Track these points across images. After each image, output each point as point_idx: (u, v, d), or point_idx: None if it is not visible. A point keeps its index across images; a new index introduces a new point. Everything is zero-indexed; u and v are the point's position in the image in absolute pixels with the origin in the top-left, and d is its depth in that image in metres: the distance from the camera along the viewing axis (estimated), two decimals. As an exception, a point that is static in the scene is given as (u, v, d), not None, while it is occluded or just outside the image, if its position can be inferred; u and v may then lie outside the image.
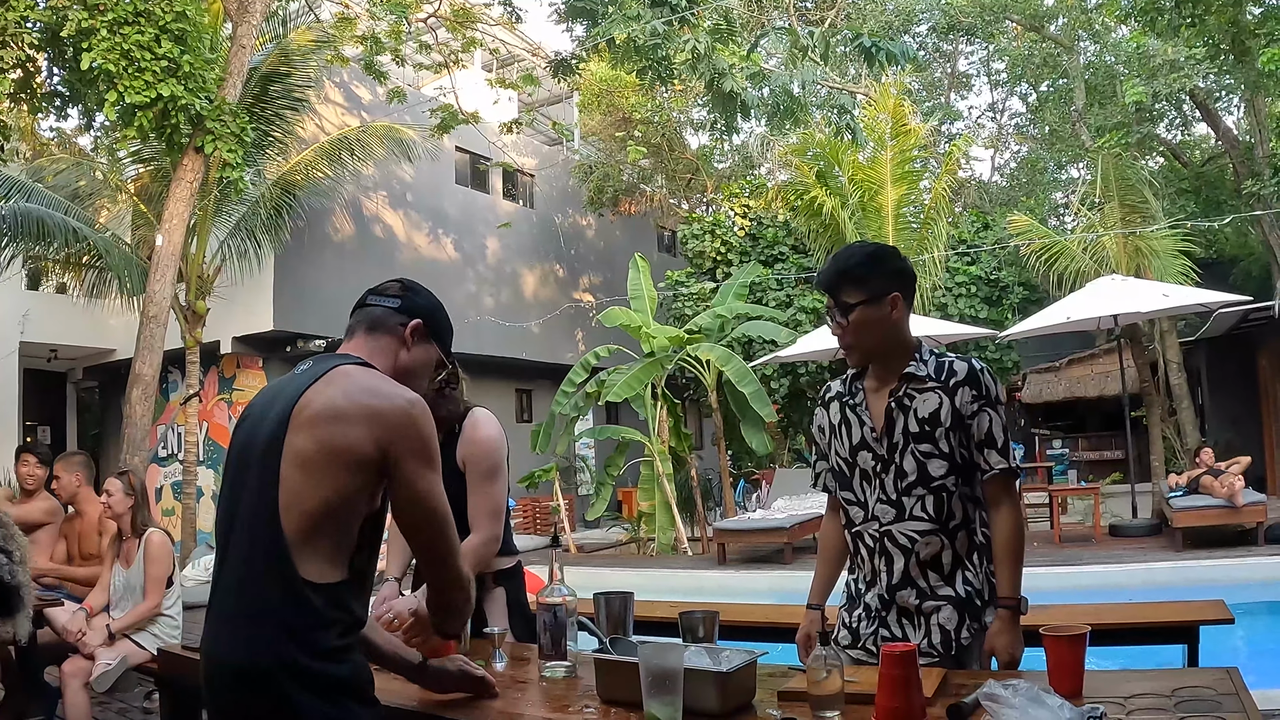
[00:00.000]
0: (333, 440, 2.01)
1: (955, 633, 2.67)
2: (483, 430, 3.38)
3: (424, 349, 2.33)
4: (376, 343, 2.27)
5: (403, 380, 2.21)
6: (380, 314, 2.30)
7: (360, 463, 2.01)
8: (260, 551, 2.03)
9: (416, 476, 2.06)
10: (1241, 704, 2.01)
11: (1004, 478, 2.70)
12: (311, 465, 2.01)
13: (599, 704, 2.38)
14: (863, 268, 2.74)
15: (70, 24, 8.90)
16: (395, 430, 2.04)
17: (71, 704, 5.04)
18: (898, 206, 14.94)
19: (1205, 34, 14.87)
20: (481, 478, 3.33)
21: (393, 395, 2.08)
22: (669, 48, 11.66)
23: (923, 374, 2.73)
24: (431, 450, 2.09)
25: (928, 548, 2.70)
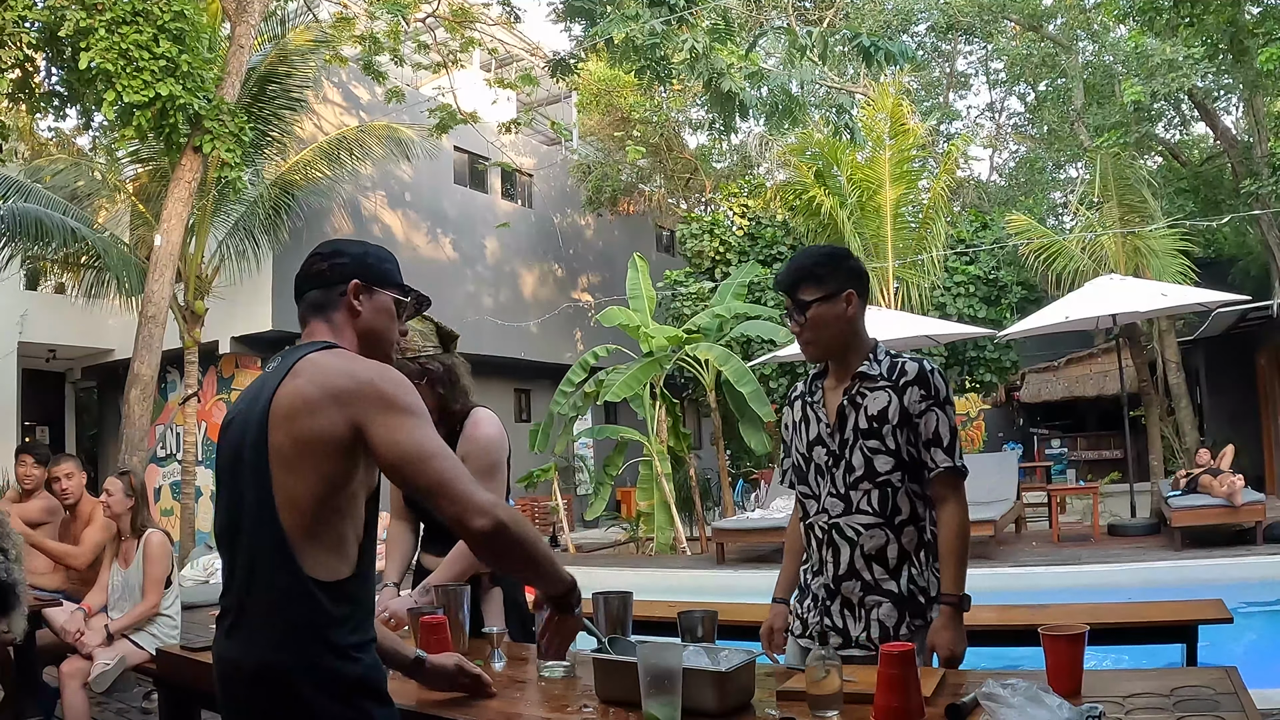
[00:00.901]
0: (307, 432, 1.98)
1: (894, 628, 2.74)
2: (482, 429, 3.40)
3: (374, 301, 2.22)
4: (330, 322, 2.19)
5: (374, 341, 2.21)
6: (317, 296, 2.21)
7: (338, 447, 1.98)
8: (265, 554, 2.01)
9: (391, 428, 1.98)
10: (1240, 703, 2.01)
11: (949, 476, 2.76)
12: (295, 462, 1.98)
13: (598, 704, 2.38)
14: (819, 267, 2.85)
15: (68, 24, 8.89)
16: (358, 399, 1.98)
17: (70, 704, 5.03)
18: (896, 206, 14.94)
19: (1204, 33, 14.89)
20: (480, 475, 3.33)
21: (353, 371, 2.03)
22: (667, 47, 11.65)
23: (875, 373, 2.83)
24: (402, 402, 2.01)
25: (872, 541, 2.78)
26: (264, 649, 2.01)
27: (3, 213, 11.80)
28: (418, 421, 2.01)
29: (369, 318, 2.21)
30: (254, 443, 2.03)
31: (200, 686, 3.45)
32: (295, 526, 1.98)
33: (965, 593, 2.69)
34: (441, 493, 1.97)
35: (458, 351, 3.53)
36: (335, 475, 1.99)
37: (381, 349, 2.24)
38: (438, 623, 2.72)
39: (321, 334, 2.18)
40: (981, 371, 16.94)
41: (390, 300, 2.25)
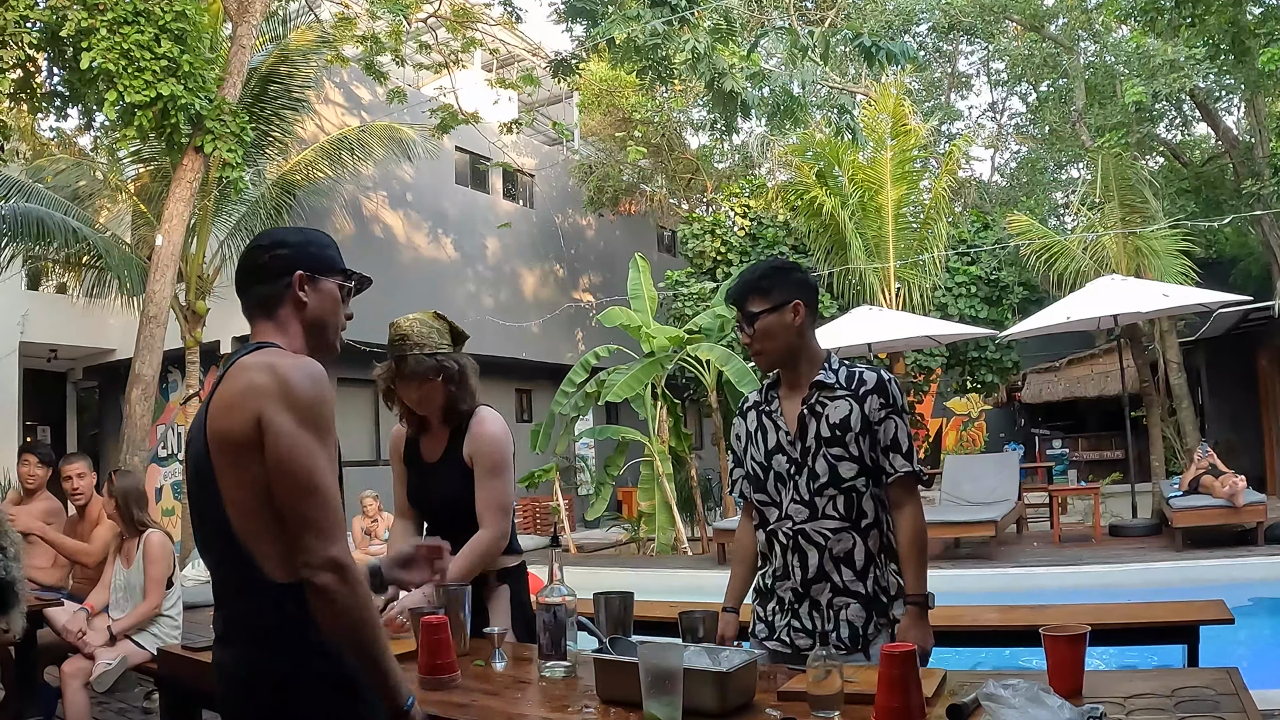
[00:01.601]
0: (231, 435, 1.96)
1: (862, 628, 2.83)
2: (488, 427, 3.44)
3: (320, 290, 2.19)
4: (277, 319, 2.16)
5: (322, 330, 2.20)
6: (262, 291, 2.17)
7: (257, 444, 1.95)
8: (227, 562, 2.03)
9: (282, 432, 1.92)
10: (1241, 704, 2.02)
11: (907, 480, 2.86)
12: (231, 468, 1.97)
13: (598, 704, 2.38)
14: (766, 280, 2.95)
15: (70, 24, 8.89)
16: (266, 394, 1.94)
17: (71, 704, 5.04)
18: (898, 206, 14.94)
19: (1205, 34, 14.87)
20: (487, 474, 3.36)
21: (271, 365, 1.99)
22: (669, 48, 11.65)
23: (832, 382, 2.92)
24: (305, 407, 1.95)
25: (840, 544, 2.86)
26: (249, 656, 2.03)
27: (4, 213, 11.80)
28: (310, 439, 1.95)
29: (316, 307, 2.19)
30: (200, 454, 2.03)
31: (201, 686, 3.46)
32: (247, 531, 1.98)
33: (929, 591, 2.80)
34: (308, 518, 1.91)
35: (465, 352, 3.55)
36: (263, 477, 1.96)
37: (328, 338, 2.23)
38: (438, 622, 2.72)
39: (267, 333, 2.15)
40: (983, 372, 16.94)
41: (335, 287, 2.23)
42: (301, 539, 1.91)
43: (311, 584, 1.89)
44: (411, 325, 3.39)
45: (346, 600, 1.90)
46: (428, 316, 3.43)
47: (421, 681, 2.66)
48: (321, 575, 1.89)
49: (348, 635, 1.92)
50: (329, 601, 1.89)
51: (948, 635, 4.67)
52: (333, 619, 1.90)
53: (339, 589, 1.89)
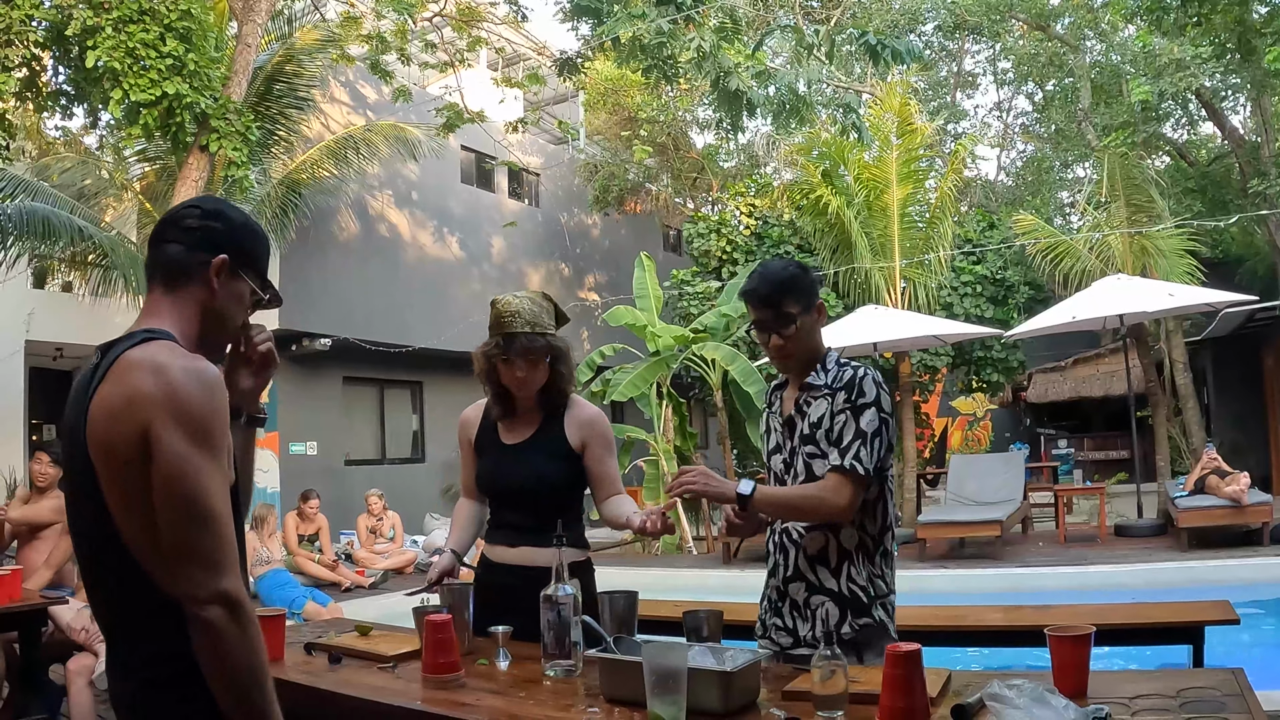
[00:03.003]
0: (114, 446, 1.72)
1: (836, 627, 2.77)
2: (591, 409, 3.50)
3: (232, 286, 1.97)
4: (176, 298, 1.92)
5: (217, 326, 1.97)
6: (177, 255, 1.92)
7: (144, 459, 1.71)
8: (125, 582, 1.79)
9: (169, 450, 1.69)
10: (1246, 705, 2.01)
11: (835, 472, 2.73)
12: (117, 481, 1.74)
13: (603, 703, 2.38)
14: (797, 279, 2.88)
15: (75, 22, 8.91)
16: (153, 404, 1.71)
17: (76, 701, 5.05)
18: (903, 205, 14.91)
19: (1211, 33, 14.85)
20: (607, 450, 3.45)
21: (161, 368, 1.74)
22: (674, 46, 11.65)
23: (819, 382, 2.88)
24: (196, 420, 1.73)
25: (814, 543, 2.84)
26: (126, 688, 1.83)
27: (10, 211, 11.82)
28: (203, 457, 1.72)
29: (221, 300, 1.96)
30: (79, 454, 1.79)
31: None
32: (141, 547, 1.75)
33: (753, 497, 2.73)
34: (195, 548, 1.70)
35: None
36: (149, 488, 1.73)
37: (222, 336, 2.03)
38: (443, 621, 2.72)
39: (160, 310, 1.91)
40: (988, 371, 16.91)
41: (247, 289, 2.00)
42: (186, 569, 1.69)
43: (197, 619, 1.68)
44: (522, 303, 3.33)
45: (234, 640, 1.69)
46: (537, 295, 3.39)
47: (425, 680, 2.67)
48: (209, 610, 1.67)
49: (229, 678, 1.70)
50: (216, 641, 1.68)
51: (952, 635, 4.67)
52: (215, 660, 1.69)
53: (227, 627, 1.68)
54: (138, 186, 14.17)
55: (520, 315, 3.29)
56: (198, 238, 1.93)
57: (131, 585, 1.77)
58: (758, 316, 2.90)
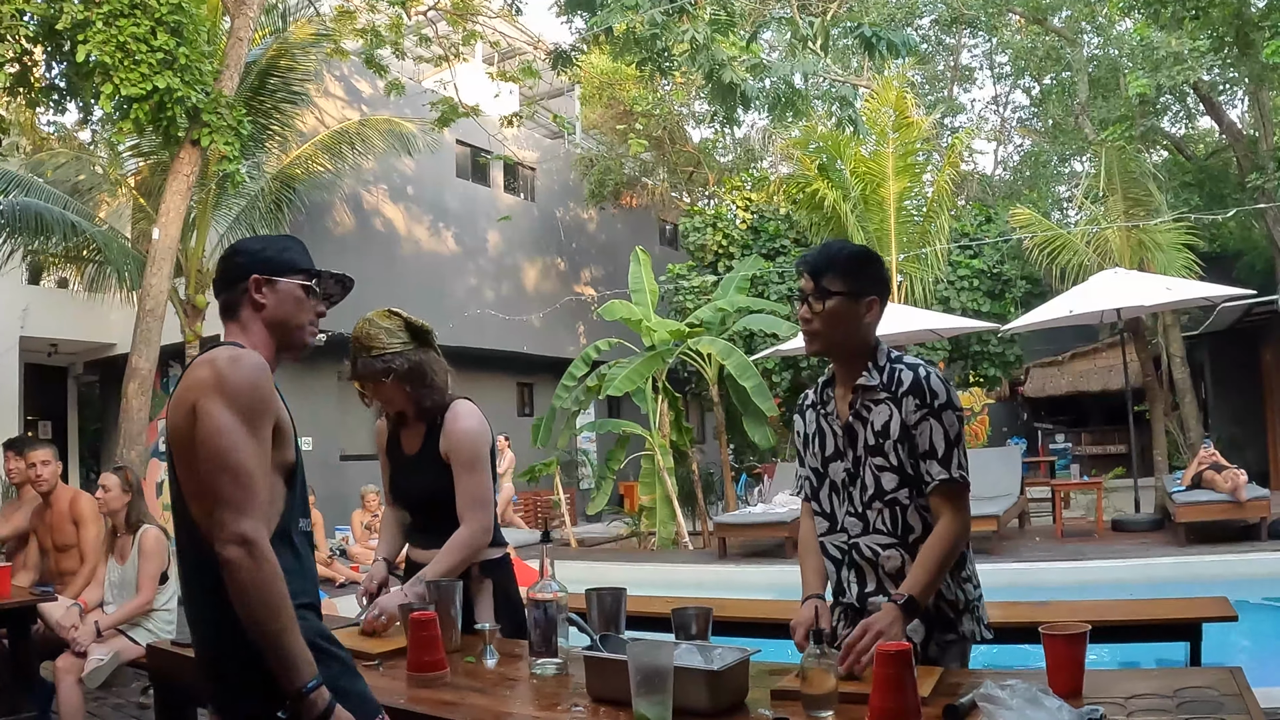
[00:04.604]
0: (177, 426, 2.09)
1: (922, 646, 2.62)
2: (462, 422, 3.37)
3: (278, 291, 2.28)
4: (239, 321, 2.27)
5: (282, 328, 2.28)
6: (224, 298, 2.30)
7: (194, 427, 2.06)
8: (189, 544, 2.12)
9: (207, 415, 2.02)
10: (1245, 705, 1.98)
11: (945, 488, 2.60)
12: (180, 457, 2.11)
13: (588, 702, 2.35)
14: (853, 262, 2.72)
15: (66, 17, 8.85)
16: (203, 385, 2.05)
17: (65, 699, 5.02)
18: (900, 199, 14.90)
19: (1209, 26, 14.82)
20: (464, 469, 3.32)
21: (213, 359, 2.10)
22: (668, 39, 11.60)
23: (874, 384, 2.69)
24: (234, 393, 2.04)
25: (890, 561, 2.68)
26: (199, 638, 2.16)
27: (4, 207, 11.78)
28: (236, 422, 2.02)
29: (274, 308, 2.27)
30: (168, 444, 2.16)
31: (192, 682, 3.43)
32: (200, 514, 2.06)
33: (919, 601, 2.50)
34: (221, 494, 1.97)
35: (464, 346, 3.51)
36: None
37: (293, 336, 2.31)
38: (428, 619, 2.69)
39: (232, 334, 2.27)
40: (985, 366, 16.90)
41: (296, 287, 2.30)
42: (215, 513, 1.96)
43: (221, 557, 1.94)
44: (361, 327, 3.36)
45: (251, 575, 1.94)
46: (378, 315, 3.36)
47: (410, 678, 2.64)
48: (229, 549, 1.93)
49: (249, 609, 1.94)
50: (234, 574, 1.94)
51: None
52: (237, 592, 1.94)
53: (244, 563, 1.93)
54: (132, 182, 14.13)
55: (359, 339, 3.33)
56: (232, 276, 2.29)
57: (201, 553, 2.05)
58: (801, 284, 2.76)
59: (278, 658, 1.96)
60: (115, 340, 16.58)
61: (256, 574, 1.94)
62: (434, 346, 3.42)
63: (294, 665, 1.97)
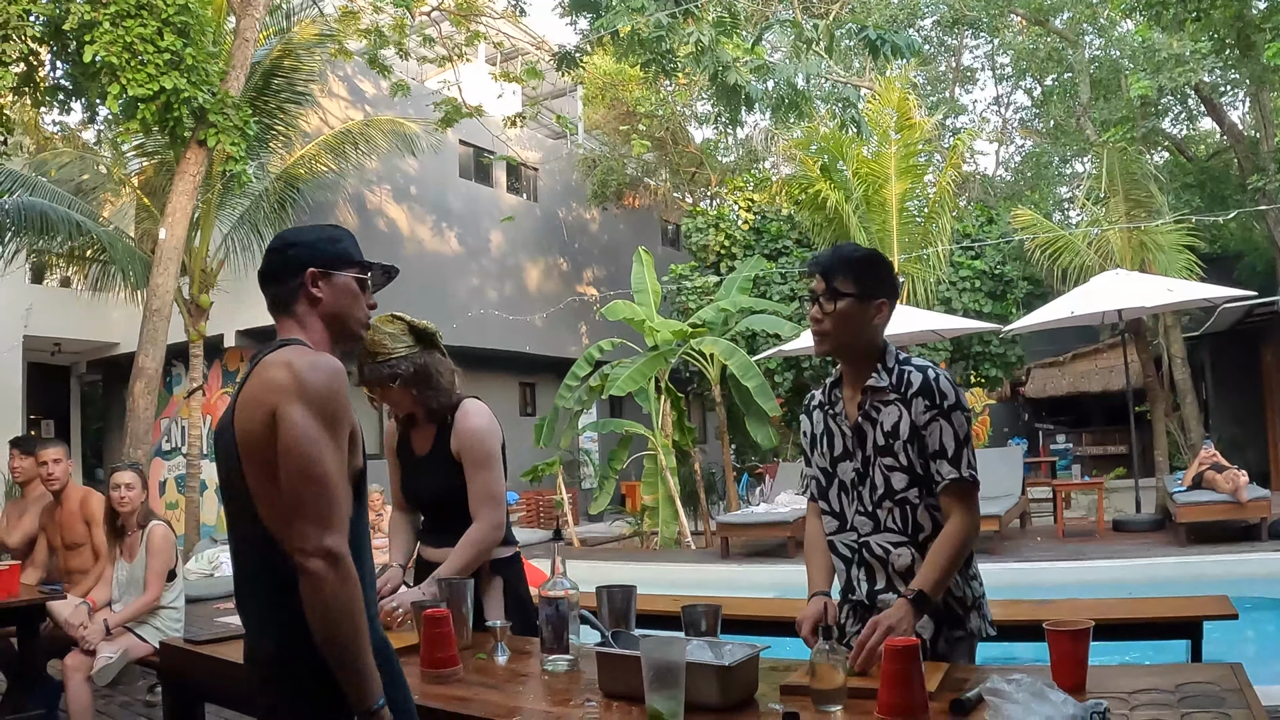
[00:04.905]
0: (252, 431, 2.02)
1: (931, 642, 2.67)
2: (472, 420, 3.40)
3: (334, 285, 2.22)
4: (295, 316, 2.21)
5: (340, 322, 2.23)
6: (277, 292, 2.23)
7: (272, 439, 1.99)
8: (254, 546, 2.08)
9: (290, 422, 1.96)
10: (1245, 700, 2.01)
11: (956, 487, 2.64)
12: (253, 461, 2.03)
13: (601, 697, 2.38)
14: (865, 264, 2.75)
15: (73, 17, 8.90)
16: (282, 389, 1.99)
17: (74, 697, 5.04)
18: (902, 200, 14.90)
19: (1210, 28, 14.83)
20: (476, 467, 3.35)
21: (289, 362, 2.04)
22: (672, 40, 11.63)
23: (883, 385, 2.72)
24: (315, 400, 1.99)
25: (900, 559, 2.70)
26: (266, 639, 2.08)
27: (9, 207, 11.81)
28: (318, 430, 1.97)
29: (330, 302, 2.21)
30: (229, 447, 2.10)
31: (203, 680, 3.46)
32: (272, 518, 2.02)
33: (930, 596, 2.52)
34: (305, 505, 1.93)
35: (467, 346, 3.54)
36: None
37: (349, 329, 2.26)
38: (440, 616, 2.72)
39: (289, 330, 2.21)
40: (987, 366, 16.91)
41: (351, 280, 2.25)
42: (297, 525, 1.93)
43: (303, 569, 1.91)
44: (369, 334, 3.34)
45: (334, 590, 1.91)
46: (382, 321, 3.36)
47: (423, 675, 2.66)
48: (313, 562, 1.90)
49: (328, 626, 1.92)
50: (317, 589, 1.90)
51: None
52: (317, 607, 1.91)
53: (329, 577, 1.90)
54: (136, 181, 14.16)
55: (364, 346, 3.33)
56: (285, 269, 2.21)
57: (267, 555, 2.03)
58: (812, 285, 2.79)
59: (353, 674, 1.94)
60: (118, 339, 16.62)
61: (340, 590, 1.91)
62: (439, 347, 3.45)
63: (366, 683, 1.95)
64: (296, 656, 2.00)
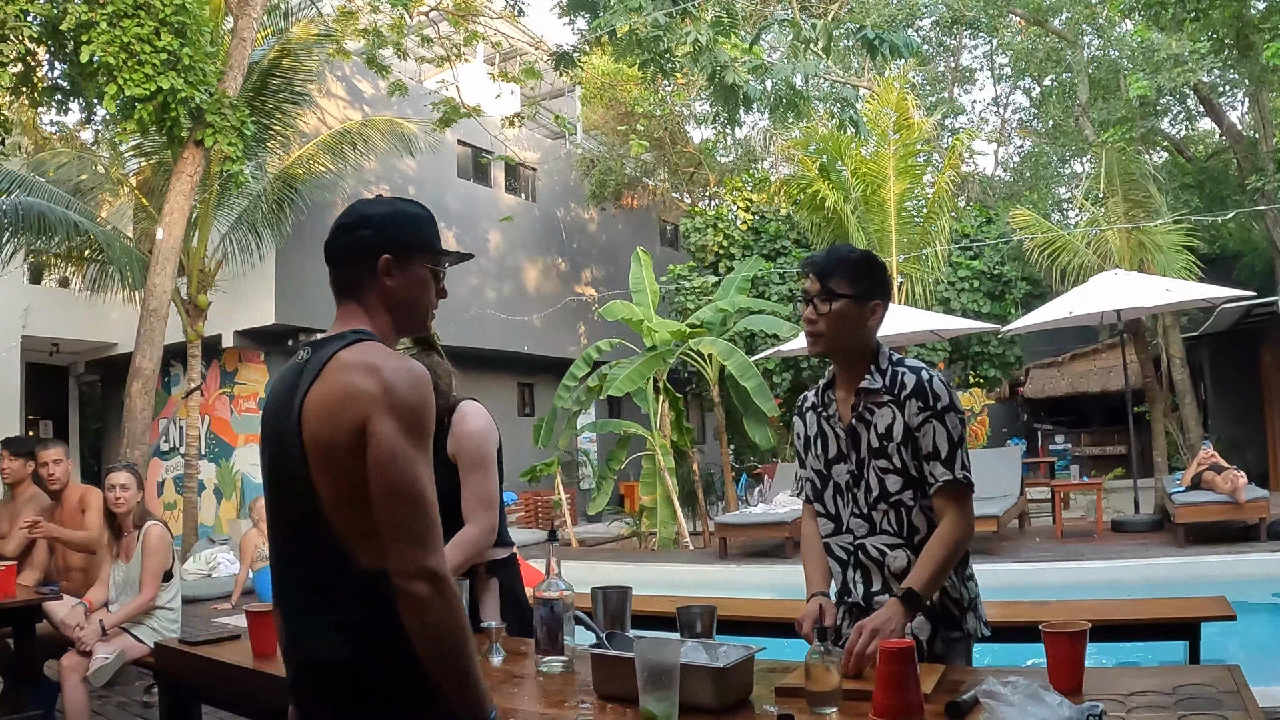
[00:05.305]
0: (333, 440, 1.89)
1: (928, 642, 2.67)
2: (470, 423, 3.39)
3: (408, 274, 2.08)
4: (363, 302, 2.06)
5: (409, 312, 2.11)
6: (347, 273, 2.08)
7: (359, 450, 1.87)
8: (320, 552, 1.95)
9: (385, 439, 1.85)
10: (1243, 702, 2.00)
11: (949, 489, 2.63)
12: (329, 469, 1.90)
13: (595, 699, 2.37)
14: (860, 266, 2.76)
15: (70, 17, 8.89)
16: (371, 401, 1.87)
17: (70, 698, 5.03)
18: (900, 200, 14.90)
19: (1209, 28, 14.83)
20: (472, 469, 3.34)
21: (374, 368, 1.90)
22: (671, 40, 11.63)
23: (876, 387, 2.72)
24: (409, 414, 1.88)
25: (896, 561, 2.70)
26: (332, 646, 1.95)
27: (6, 207, 11.80)
28: (414, 448, 1.88)
29: (400, 290, 2.08)
30: (292, 452, 1.95)
31: (199, 680, 3.45)
32: (344, 524, 1.91)
33: (920, 594, 2.54)
34: (406, 527, 1.85)
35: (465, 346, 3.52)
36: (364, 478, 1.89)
37: (417, 318, 2.14)
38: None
39: (354, 317, 2.06)
40: (985, 367, 16.91)
41: (425, 270, 2.12)
42: (396, 546, 1.85)
43: (404, 591, 1.83)
44: None
45: (440, 612, 1.84)
46: None
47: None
48: (416, 584, 1.82)
49: (436, 646, 1.86)
50: (421, 611, 1.83)
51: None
52: (423, 629, 1.84)
53: (434, 600, 1.83)
54: (134, 181, 14.16)
55: None
56: (358, 251, 2.06)
57: (334, 562, 1.92)
58: (806, 285, 2.78)
59: (466, 690, 1.89)
60: (117, 340, 16.61)
61: (446, 611, 1.85)
62: (437, 349, 3.44)
63: (480, 697, 1.90)
64: (370, 664, 1.92)
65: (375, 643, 1.91)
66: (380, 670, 1.92)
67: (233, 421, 15.78)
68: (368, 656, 1.92)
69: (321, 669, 1.98)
